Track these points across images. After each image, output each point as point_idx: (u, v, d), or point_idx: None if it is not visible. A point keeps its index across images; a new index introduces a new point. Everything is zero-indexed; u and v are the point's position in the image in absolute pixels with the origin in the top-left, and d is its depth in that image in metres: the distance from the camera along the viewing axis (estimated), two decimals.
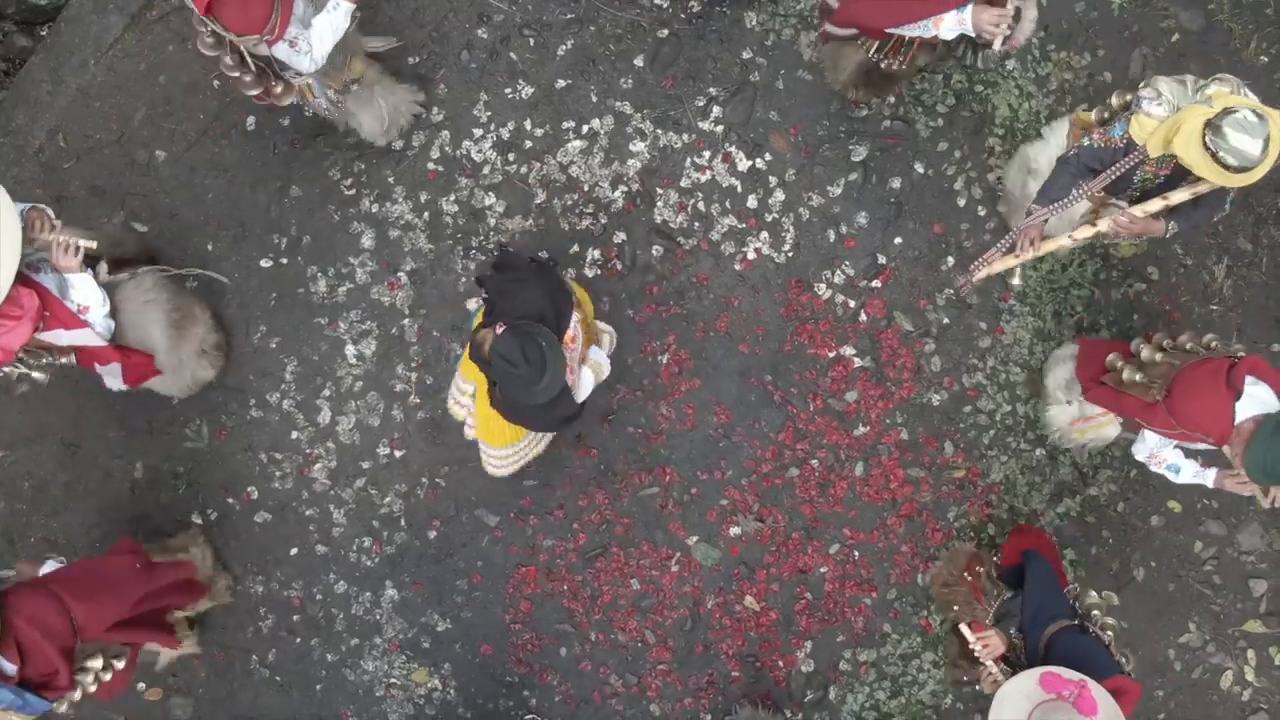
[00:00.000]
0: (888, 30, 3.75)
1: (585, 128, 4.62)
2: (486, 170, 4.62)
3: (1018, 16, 3.63)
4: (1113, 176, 3.51)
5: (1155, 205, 3.50)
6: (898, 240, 4.58)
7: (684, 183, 4.60)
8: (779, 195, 4.58)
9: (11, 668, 3.45)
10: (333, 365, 4.63)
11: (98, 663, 3.76)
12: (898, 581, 4.56)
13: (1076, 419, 4.17)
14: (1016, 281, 3.91)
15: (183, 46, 4.65)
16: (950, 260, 4.55)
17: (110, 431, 4.62)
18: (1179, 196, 3.46)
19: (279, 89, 3.84)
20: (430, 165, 4.62)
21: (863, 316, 4.57)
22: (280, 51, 3.65)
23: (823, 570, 4.57)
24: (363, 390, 4.62)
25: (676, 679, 4.59)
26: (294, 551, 4.64)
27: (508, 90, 4.62)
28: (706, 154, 4.59)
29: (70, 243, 3.62)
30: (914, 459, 4.57)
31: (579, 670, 4.60)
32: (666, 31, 4.61)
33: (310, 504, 4.63)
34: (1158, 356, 3.73)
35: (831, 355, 4.57)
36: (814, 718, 4.57)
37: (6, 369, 3.74)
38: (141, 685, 4.62)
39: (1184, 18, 4.55)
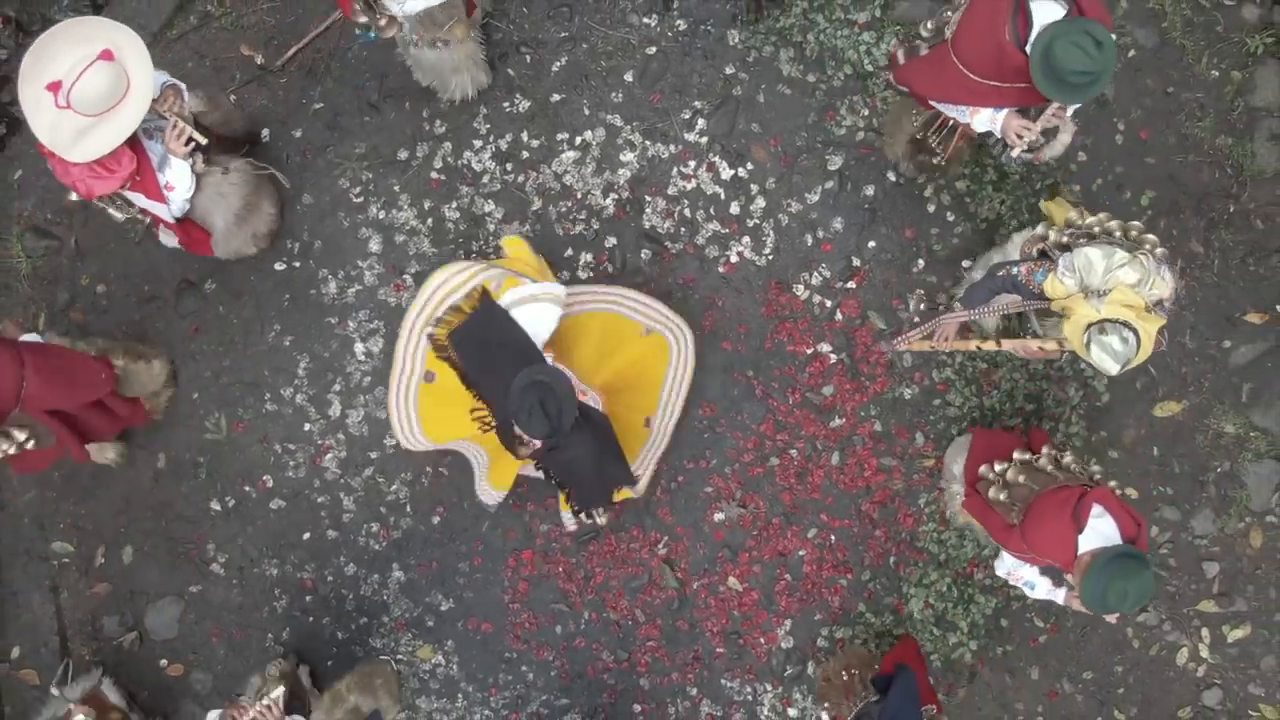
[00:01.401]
0: (931, 102, 3.97)
1: (578, 139, 4.82)
2: (486, 179, 4.84)
3: (1054, 133, 3.86)
4: (1022, 309, 3.76)
5: (1051, 346, 3.74)
6: (871, 244, 4.80)
7: (671, 191, 4.80)
8: (760, 202, 4.80)
9: None
10: (343, 362, 4.84)
11: (22, 435, 3.92)
12: (871, 564, 4.79)
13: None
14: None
15: (201, 63, 4.88)
16: (921, 263, 4.79)
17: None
18: (1068, 348, 3.67)
19: (382, 21, 4.05)
20: (433, 174, 4.85)
21: (839, 315, 4.80)
22: None
23: (801, 553, 4.80)
24: (371, 385, 4.83)
25: (665, 655, 4.81)
26: (306, 536, 4.85)
27: (505, 104, 4.84)
28: (692, 164, 4.80)
29: (187, 131, 3.84)
30: (887, 449, 4.79)
31: (573, 646, 4.82)
32: (654, 49, 4.82)
33: (322, 492, 4.85)
34: (1021, 478, 3.86)
35: (809, 352, 4.79)
36: (793, 691, 4.82)
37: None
38: (164, 661, 4.86)
39: (1139, 35, 4.76)
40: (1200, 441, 4.80)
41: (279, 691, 3.88)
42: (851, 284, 4.79)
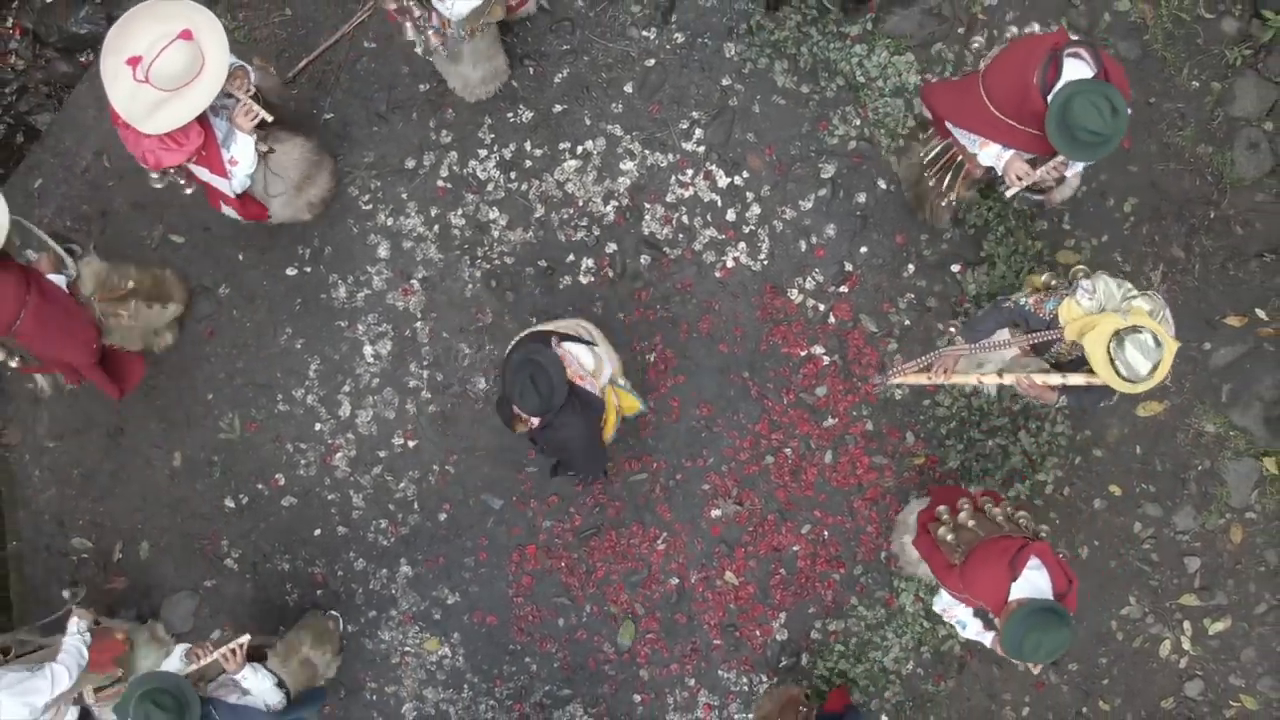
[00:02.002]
0: (947, 126, 4.11)
1: (580, 148, 4.97)
2: (490, 187, 4.98)
3: (1062, 180, 4.01)
4: (1033, 341, 3.82)
5: (1054, 380, 3.79)
6: (863, 250, 4.94)
7: (669, 198, 4.95)
8: (755, 209, 4.95)
9: None
10: (352, 364, 4.99)
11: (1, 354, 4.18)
12: (863, 559, 4.94)
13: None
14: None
15: None
16: (911, 268, 4.93)
17: (151, 423, 4.99)
18: (1075, 380, 3.74)
19: (433, 22, 4.27)
20: (440, 183, 5.00)
21: (831, 319, 4.94)
22: None
23: (795, 549, 4.94)
24: (379, 386, 4.98)
25: (664, 647, 4.95)
26: (317, 532, 4.99)
27: (509, 114, 4.98)
28: (689, 172, 4.95)
29: (255, 110, 4.02)
30: (878, 448, 4.92)
31: (575, 639, 4.96)
32: (653, 61, 4.97)
33: (332, 489, 4.99)
34: (970, 523, 4.02)
35: (803, 354, 4.93)
36: (788, 682, 4.93)
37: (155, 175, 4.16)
38: None
39: (1122, 47, 4.90)
40: (1182, 440, 4.94)
41: (245, 638, 4.08)
42: (844, 288, 4.94)
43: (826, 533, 4.95)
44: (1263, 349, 4.92)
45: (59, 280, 4.28)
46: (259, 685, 4.14)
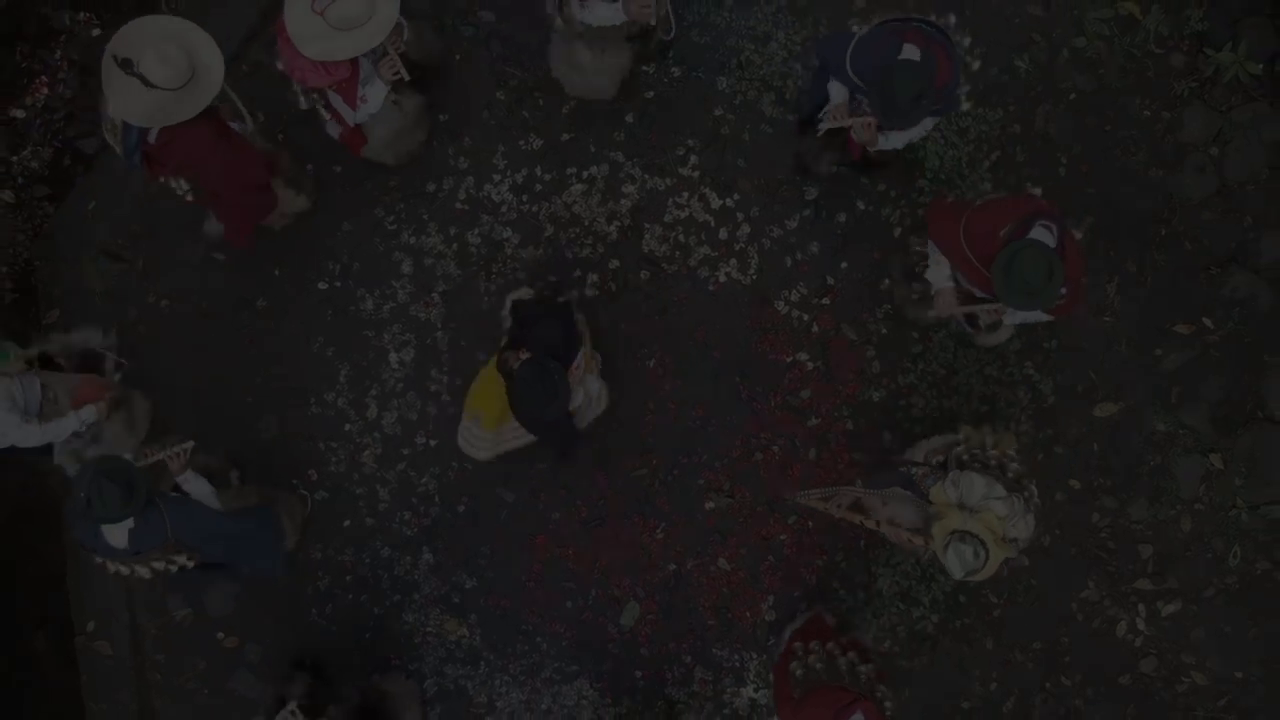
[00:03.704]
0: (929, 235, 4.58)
1: (585, 173, 5.32)
2: (504, 208, 5.34)
3: (995, 327, 4.53)
4: (904, 499, 4.27)
5: (919, 540, 4.20)
6: (844, 265, 5.30)
7: (667, 219, 5.30)
8: (745, 228, 5.31)
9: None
10: (379, 370, 5.32)
11: (186, 185, 4.56)
12: (844, 547, 5.27)
13: None
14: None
15: (250, 106, 5.42)
16: (887, 281, 5.30)
17: (197, 424, 5.26)
18: (932, 547, 4.14)
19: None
20: (458, 205, 5.35)
21: (815, 328, 5.29)
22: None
23: (782, 538, 5.28)
24: (403, 390, 5.32)
25: (663, 627, 5.28)
26: (346, 523, 5.32)
27: (521, 142, 5.33)
28: (685, 195, 5.31)
29: (398, 66, 4.48)
30: (858, 445, 5.27)
31: (582, 620, 5.30)
32: (652, 93, 5.33)
33: (360, 484, 5.33)
34: (818, 665, 4.32)
35: (789, 360, 5.29)
36: (776, 659, 5.27)
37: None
38: (220, 634, 5.35)
39: (1079, 80, 5.28)
40: (1135, 438, 5.29)
41: (189, 444, 4.40)
42: (826, 300, 5.30)
43: (811, 523, 5.26)
44: (1209, 354, 5.28)
45: (238, 127, 4.69)
46: (198, 489, 4.46)
